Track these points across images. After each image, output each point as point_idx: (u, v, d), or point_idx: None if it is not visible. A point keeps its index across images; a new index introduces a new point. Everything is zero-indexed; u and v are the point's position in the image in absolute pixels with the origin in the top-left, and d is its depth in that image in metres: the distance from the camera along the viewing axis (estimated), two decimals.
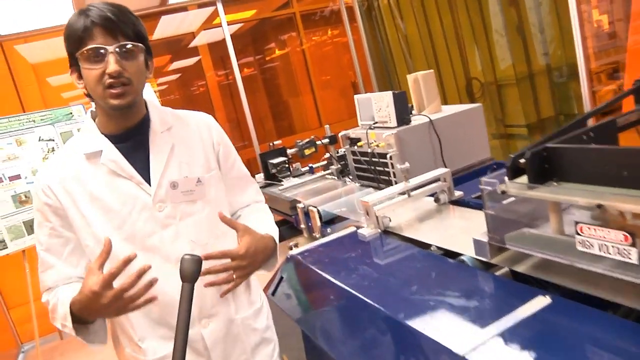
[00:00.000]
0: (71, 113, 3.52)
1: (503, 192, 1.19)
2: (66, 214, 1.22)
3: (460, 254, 1.44)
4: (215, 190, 1.33)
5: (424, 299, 1.25)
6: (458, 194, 1.90)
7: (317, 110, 5.85)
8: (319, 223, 2.21)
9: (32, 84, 4.21)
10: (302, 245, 2.42)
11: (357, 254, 1.62)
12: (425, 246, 1.57)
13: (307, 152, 2.61)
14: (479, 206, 1.80)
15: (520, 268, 1.26)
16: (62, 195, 1.22)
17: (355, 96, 2.64)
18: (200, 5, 4.80)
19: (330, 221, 2.25)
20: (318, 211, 2.25)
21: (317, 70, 5.89)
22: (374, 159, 2.39)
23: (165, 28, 5.25)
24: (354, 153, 2.62)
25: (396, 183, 2.31)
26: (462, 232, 1.62)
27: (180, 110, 1.39)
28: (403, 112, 2.35)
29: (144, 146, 1.26)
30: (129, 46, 1.15)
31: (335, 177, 2.86)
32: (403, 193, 1.86)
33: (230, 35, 4.60)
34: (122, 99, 1.16)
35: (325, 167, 3.01)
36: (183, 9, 4.79)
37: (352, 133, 2.60)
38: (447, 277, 1.36)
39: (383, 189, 2.36)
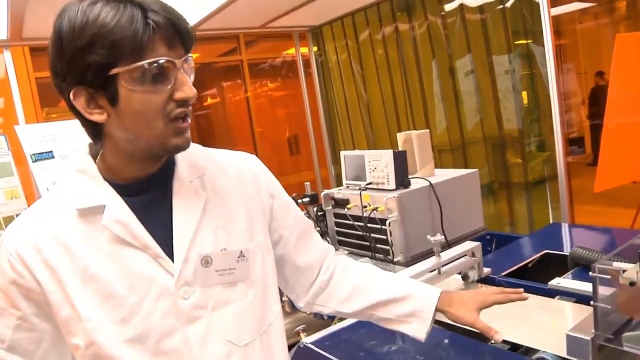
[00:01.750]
0: None
1: (632, 284, 0.97)
2: (46, 299, 0.81)
3: (536, 350, 1.20)
4: (262, 265, 0.95)
5: None
6: (486, 270, 1.68)
7: None
8: None
9: None
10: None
11: (400, 346, 1.31)
12: (475, 335, 1.31)
13: None
14: (515, 287, 1.60)
15: None
16: (40, 270, 0.80)
17: (342, 152, 2.40)
18: None
19: None
20: None
21: (260, 122, 5.63)
22: (369, 225, 2.12)
23: None
24: (337, 215, 2.35)
25: (393, 253, 2.07)
26: (516, 320, 1.38)
27: (214, 150, 1.01)
28: (403, 173, 2.13)
29: (166, 202, 0.87)
30: (190, 60, 0.81)
31: None
32: (433, 270, 1.59)
33: None
34: (186, 137, 0.82)
35: None
36: None
37: (337, 193, 2.34)
38: None
39: (378, 259, 2.11)
